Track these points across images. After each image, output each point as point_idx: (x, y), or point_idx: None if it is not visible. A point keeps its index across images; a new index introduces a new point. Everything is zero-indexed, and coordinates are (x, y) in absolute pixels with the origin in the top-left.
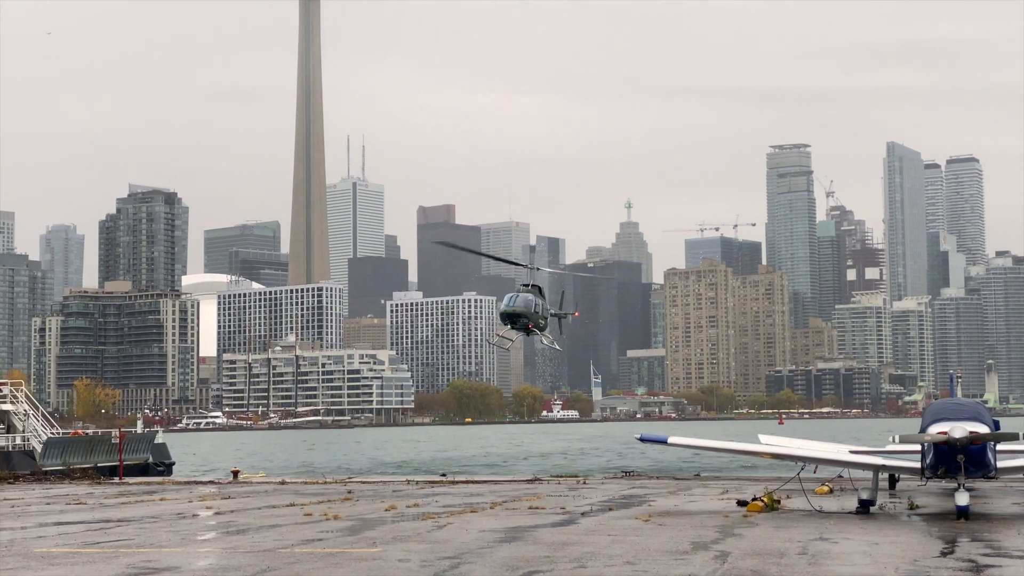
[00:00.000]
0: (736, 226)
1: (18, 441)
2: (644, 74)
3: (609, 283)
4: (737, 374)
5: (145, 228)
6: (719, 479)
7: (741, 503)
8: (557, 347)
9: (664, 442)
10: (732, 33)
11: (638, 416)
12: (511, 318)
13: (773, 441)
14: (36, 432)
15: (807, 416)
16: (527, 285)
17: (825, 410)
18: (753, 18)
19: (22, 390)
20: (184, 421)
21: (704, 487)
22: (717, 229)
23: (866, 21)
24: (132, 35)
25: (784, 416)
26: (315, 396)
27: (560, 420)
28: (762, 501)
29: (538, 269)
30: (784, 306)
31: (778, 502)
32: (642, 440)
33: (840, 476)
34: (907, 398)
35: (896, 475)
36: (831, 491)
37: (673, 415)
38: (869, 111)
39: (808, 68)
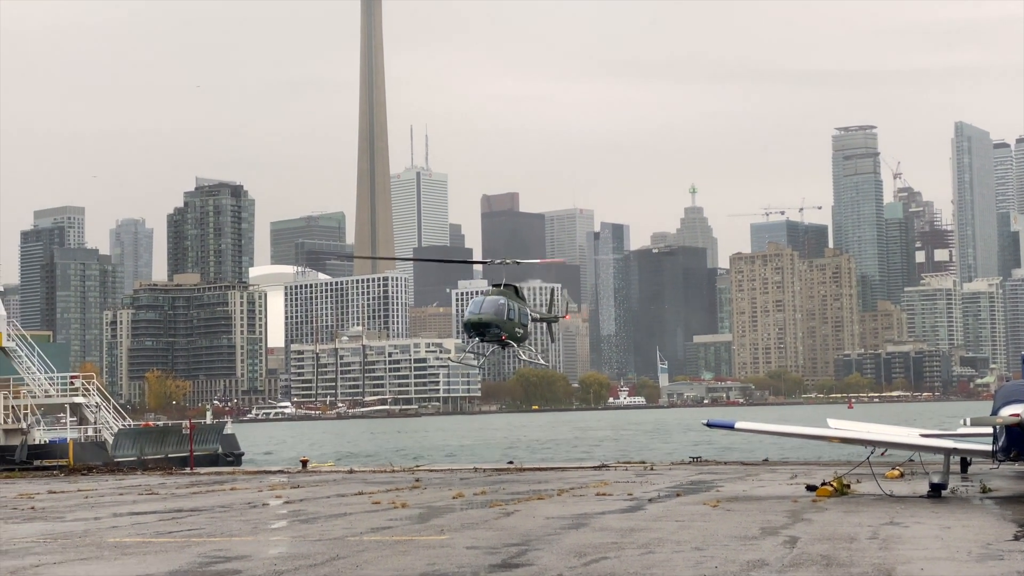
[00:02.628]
0: (802, 209)
1: (90, 433)
2: (706, 57)
3: (675, 269)
4: (805, 359)
5: (212, 221)
6: (787, 464)
7: (810, 488)
8: (542, 362)
9: (731, 427)
10: (795, 14)
11: (705, 402)
12: (477, 329)
13: (842, 425)
14: (107, 424)
15: (877, 400)
16: (499, 285)
17: (895, 394)
18: None
19: (93, 382)
20: (253, 411)
21: (772, 472)
22: (782, 213)
23: None
24: (193, 28)
25: (853, 400)
26: (382, 385)
27: (627, 407)
28: (831, 486)
29: (516, 263)
30: (852, 289)
31: (848, 487)
32: (709, 426)
33: (911, 460)
34: (979, 381)
35: (968, 458)
36: (902, 475)
37: (741, 400)
38: (936, 91)
39: (873, 48)
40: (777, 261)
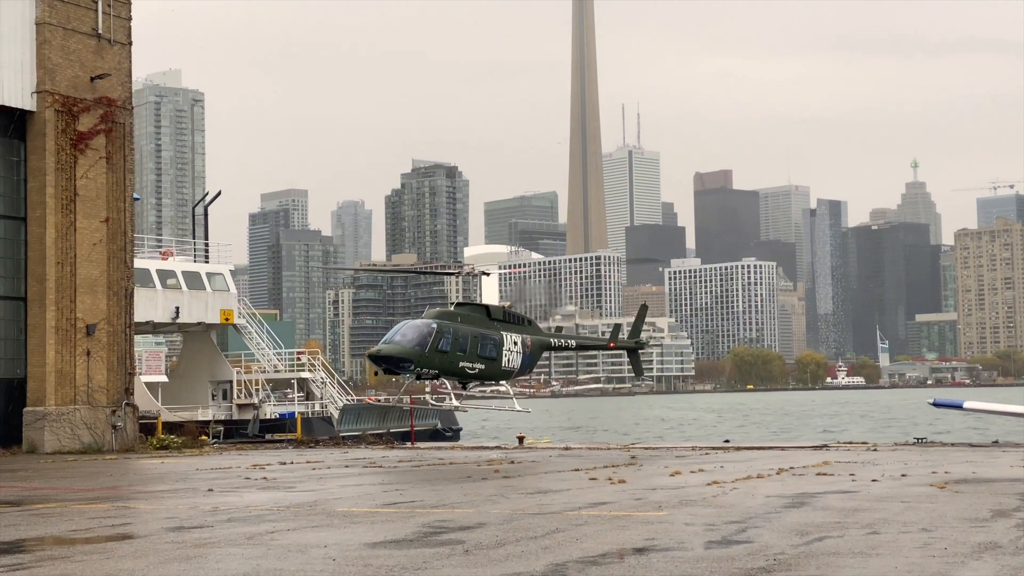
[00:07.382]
0: None
1: (317, 408)
2: (925, 29)
3: (895, 245)
4: None
5: (428, 202)
6: (1019, 447)
7: None
8: (524, 409)
9: (960, 407)
10: None
11: (929, 382)
12: (378, 363)
13: None
14: (333, 399)
15: None
16: (457, 303)
17: None
18: None
19: (319, 359)
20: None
21: (1003, 454)
22: (1011, 186)
23: None
24: (410, 14)
25: None
26: (595, 364)
27: (845, 387)
28: None
29: (485, 274)
30: None
31: None
32: (936, 405)
33: None
34: None
35: None
36: None
37: (967, 381)
38: None
39: None
40: (1006, 237)
